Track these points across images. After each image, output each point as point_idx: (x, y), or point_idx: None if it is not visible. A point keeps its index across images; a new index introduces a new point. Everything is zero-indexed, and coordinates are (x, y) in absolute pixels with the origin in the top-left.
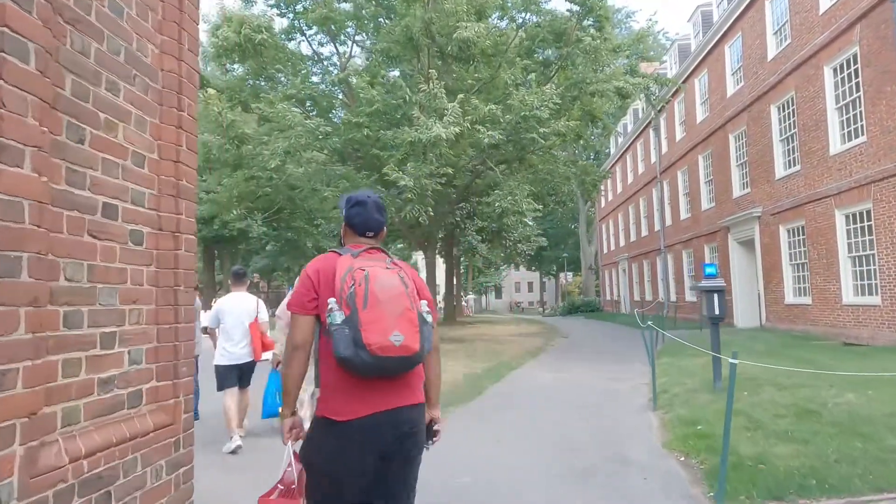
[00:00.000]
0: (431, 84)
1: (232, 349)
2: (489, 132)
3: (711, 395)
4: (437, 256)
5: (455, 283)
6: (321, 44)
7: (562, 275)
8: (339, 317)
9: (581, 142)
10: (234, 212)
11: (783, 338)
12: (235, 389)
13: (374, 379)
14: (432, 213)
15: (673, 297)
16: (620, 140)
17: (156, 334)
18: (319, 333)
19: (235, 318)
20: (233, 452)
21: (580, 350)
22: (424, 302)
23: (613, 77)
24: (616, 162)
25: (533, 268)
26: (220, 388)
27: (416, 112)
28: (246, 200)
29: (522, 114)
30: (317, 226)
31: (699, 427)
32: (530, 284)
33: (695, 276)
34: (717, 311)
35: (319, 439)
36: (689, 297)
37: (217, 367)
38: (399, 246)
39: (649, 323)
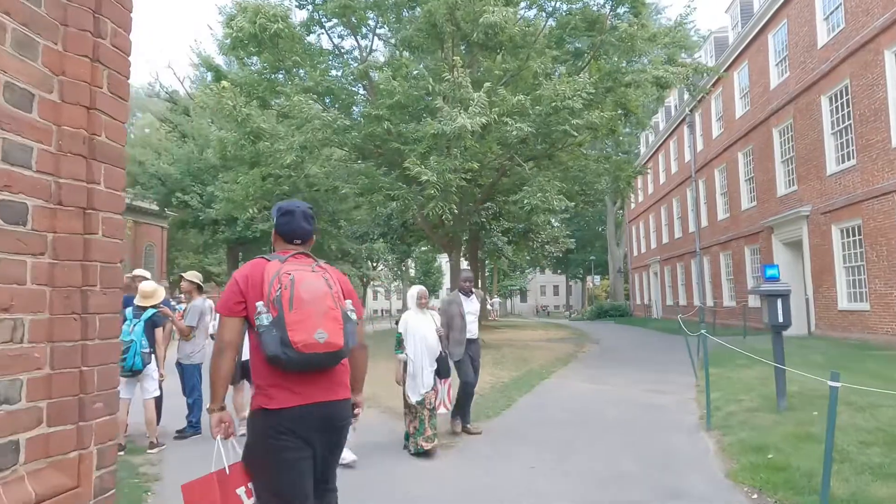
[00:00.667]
0: (456, 72)
1: None
2: (517, 124)
3: (776, 414)
4: (462, 259)
5: (480, 286)
6: (341, 36)
7: (589, 278)
8: (266, 319)
9: (613, 137)
10: (250, 211)
11: (839, 347)
12: (241, 383)
13: (302, 373)
14: (457, 211)
15: (710, 302)
16: (651, 139)
17: (47, 357)
18: (249, 333)
19: None
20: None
21: (614, 357)
22: (349, 301)
23: (652, 65)
24: (647, 161)
25: (559, 271)
26: None
27: (440, 102)
28: (263, 199)
29: (554, 104)
30: (339, 227)
31: (770, 456)
32: (556, 288)
33: (733, 279)
34: (780, 318)
35: (255, 427)
36: (728, 301)
37: None
38: (423, 249)
39: (703, 331)
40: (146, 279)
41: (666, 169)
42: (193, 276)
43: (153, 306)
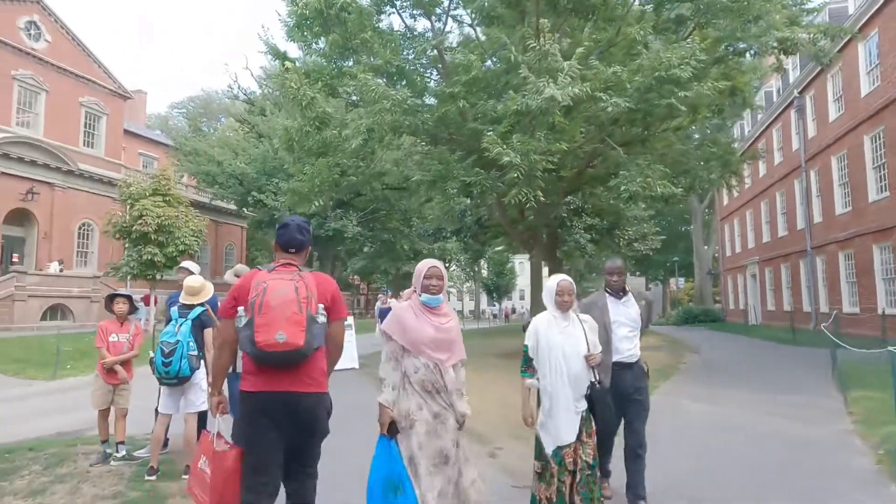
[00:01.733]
0: (543, 39)
1: None
2: (613, 99)
3: None
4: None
5: None
6: (413, 17)
7: (672, 280)
8: (244, 321)
9: (720, 118)
10: (316, 203)
11: None
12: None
13: (273, 366)
14: (543, 199)
15: (823, 308)
16: (748, 130)
17: None
18: None
19: None
20: None
21: (724, 371)
22: (321, 306)
23: (773, 27)
24: (743, 153)
25: (638, 273)
26: None
27: (525, 71)
28: (330, 192)
29: (657, 73)
30: (411, 226)
31: None
32: None
33: (857, 282)
34: None
35: (240, 406)
36: (849, 307)
37: None
38: (498, 248)
39: (891, 348)
40: (193, 273)
41: (767, 160)
42: (235, 275)
43: (201, 304)
